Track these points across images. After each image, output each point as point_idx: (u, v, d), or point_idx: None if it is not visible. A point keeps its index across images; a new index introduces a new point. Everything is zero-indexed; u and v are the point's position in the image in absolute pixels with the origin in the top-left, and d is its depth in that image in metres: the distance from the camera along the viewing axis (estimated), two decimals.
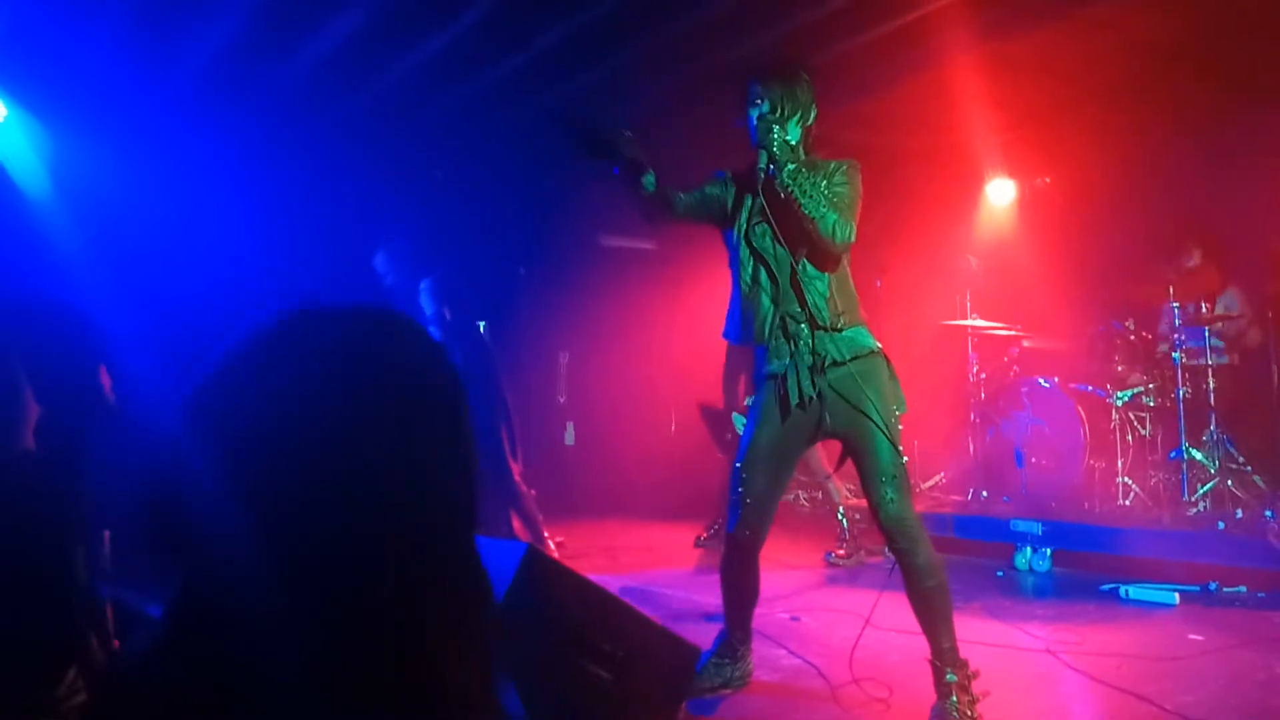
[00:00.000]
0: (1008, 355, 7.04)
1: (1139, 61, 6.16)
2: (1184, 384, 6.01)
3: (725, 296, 3.51)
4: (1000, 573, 5.72)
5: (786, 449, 3.36)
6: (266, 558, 0.79)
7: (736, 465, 3.40)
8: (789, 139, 3.25)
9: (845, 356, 3.22)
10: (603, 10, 5.65)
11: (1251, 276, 6.41)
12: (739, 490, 3.36)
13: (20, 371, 1.78)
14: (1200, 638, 4.13)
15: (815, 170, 3.26)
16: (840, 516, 6.14)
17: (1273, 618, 4.47)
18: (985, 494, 6.78)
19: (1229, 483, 5.79)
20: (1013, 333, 7.02)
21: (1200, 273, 6.33)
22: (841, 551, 6.05)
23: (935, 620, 3.21)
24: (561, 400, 9.56)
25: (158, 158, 6.43)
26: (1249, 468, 5.97)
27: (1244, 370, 6.49)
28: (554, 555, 5.85)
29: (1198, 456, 5.89)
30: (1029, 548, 5.80)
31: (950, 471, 7.59)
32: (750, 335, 3.34)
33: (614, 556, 6.53)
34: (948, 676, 3.13)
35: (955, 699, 3.10)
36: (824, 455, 6.30)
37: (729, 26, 5.77)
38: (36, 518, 1.60)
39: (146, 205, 6.19)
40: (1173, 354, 6.05)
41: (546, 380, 9.45)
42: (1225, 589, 4.95)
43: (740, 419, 6.39)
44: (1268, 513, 5.29)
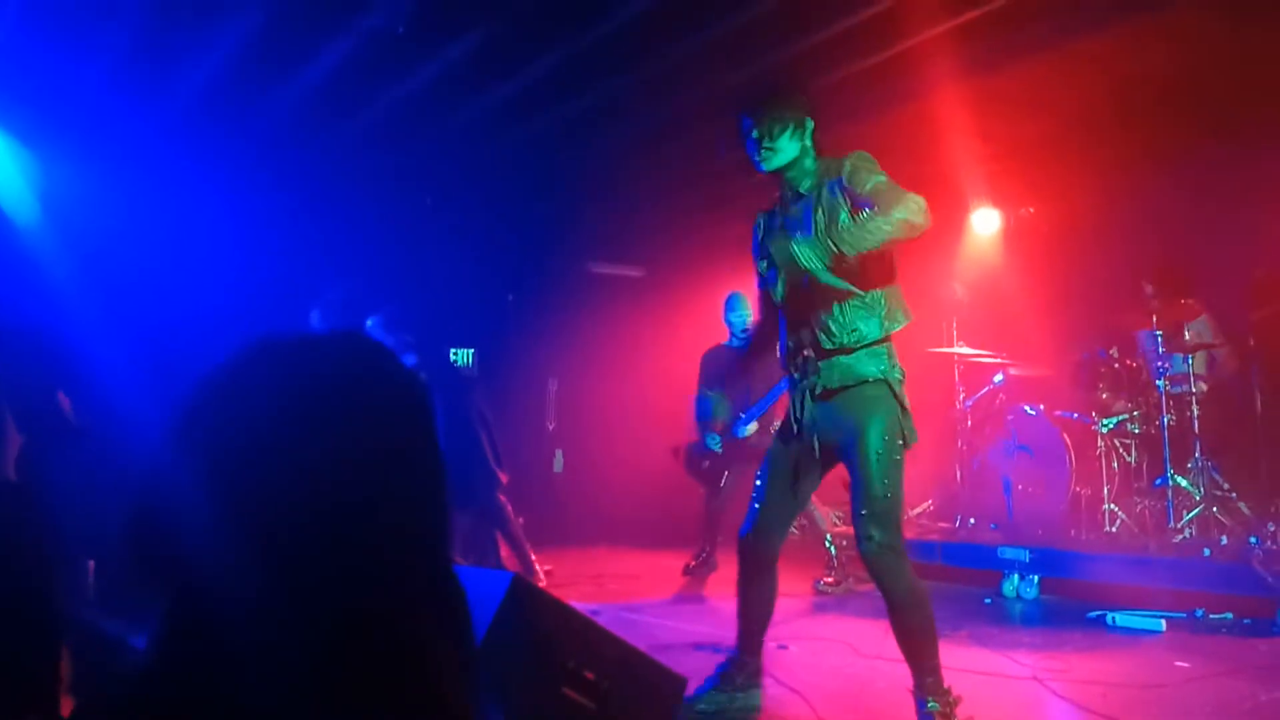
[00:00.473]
0: (993, 383, 7.08)
1: (1121, 97, 6.25)
2: (1168, 411, 6.05)
3: (715, 323, 3.60)
4: (988, 600, 5.73)
5: (799, 467, 3.38)
6: (250, 580, 0.80)
7: (757, 475, 3.48)
8: (787, 156, 3.30)
9: (835, 385, 3.23)
10: (591, 42, 5.72)
11: (1231, 306, 6.47)
12: (752, 497, 3.45)
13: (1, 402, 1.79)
14: (1186, 665, 4.14)
15: (829, 173, 3.28)
16: (828, 544, 6.14)
17: (1258, 645, 4.49)
18: (972, 521, 6.79)
19: (1214, 510, 5.81)
20: (998, 360, 7.06)
21: (1163, 303, 6.34)
22: (830, 579, 6.04)
23: (917, 651, 3.20)
24: (551, 427, 9.56)
25: (148, 185, 6.46)
26: (1234, 494, 5.99)
27: (1228, 397, 6.53)
28: (542, 582, 5.85)
29: (1183, 483, 5.92)
30: (1016, 575, 5.81)
31: (937, 499, 7.61)
32: (782, 359, 3.43)
33: (602, 584, 6.52)
34: (929, 705, 3.13)
35: None
36: None
37: (718, 57, 5.84)
38: (16, 546, 1.60)
39: (136, 232, 6.21)
40: (1156, 381, 6.10)
41: (536, 407, 9.45)
42: (1211, 616, 4.97)
43: (714, 439, 6.39)
44: (1253, 539, 5.32)
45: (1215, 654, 4.30)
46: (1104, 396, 6.43)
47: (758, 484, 3.43)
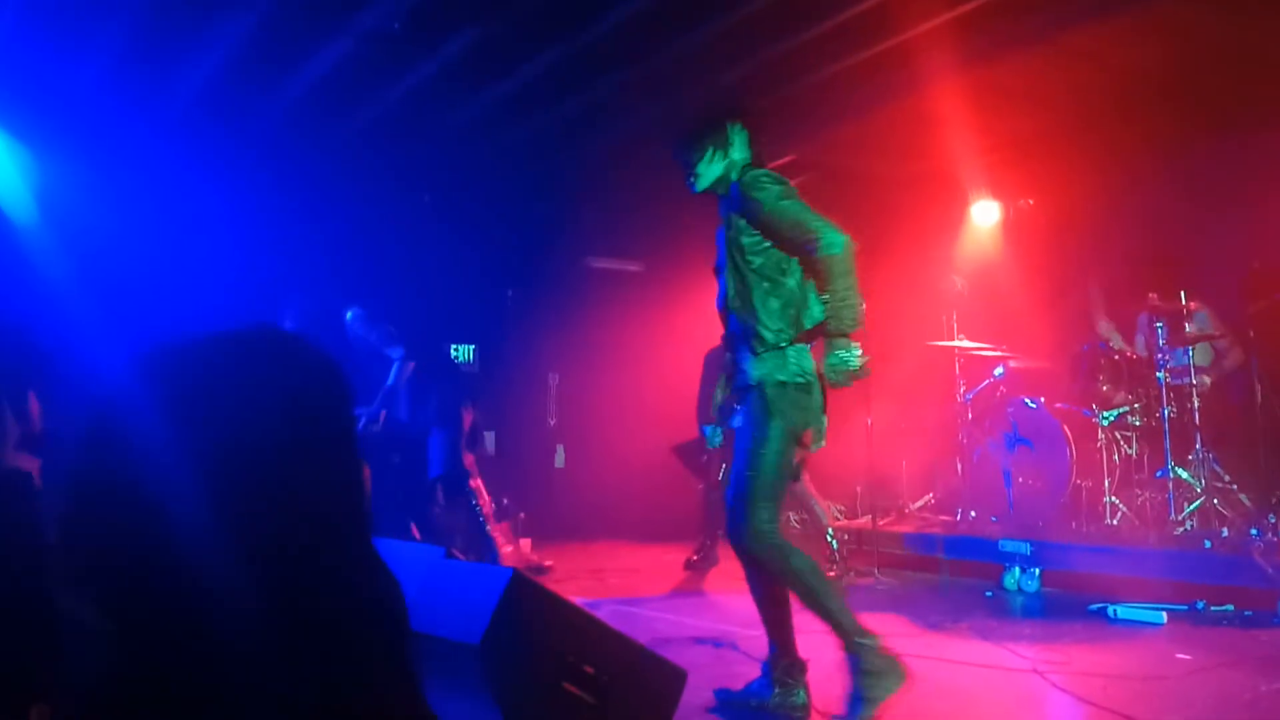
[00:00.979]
0: (993, 376, 7.07)
1: (1118, 89, 6.25)
2: (1169, 403, 6.04)
3: (713, 317, 3.65)
4: (989, 593, 5.73)
5: None
6: (175, 571, 0.83)
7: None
8: (710, 177, 3.51)
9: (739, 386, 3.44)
10: (589, 40, 5.71)
11: (1231, 298, 6.47)
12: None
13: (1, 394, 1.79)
14: (1188, 657, 4.14)
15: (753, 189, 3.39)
16: (829, 537, 6.14)
17: (1259, 636, 4.49)
18: (973, 514, 6.79)
19: (1215, 501, 5.81)
20: (999, 353, 7.06)
21: (1164, 299, 6.32)
22: (831, 572, 6.04)
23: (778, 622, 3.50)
24: (551, 423, 9.56)
25: (146, 185, 6.45)
26: (1235, 486, 5.99)
27: (1228, 389, 6.53)
28: (504, 556, 5.98)
29: (1184, 475, 5.91)
30: (1017, 568, 5.81)
31: (938, 492, 7.60)
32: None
33: (602, 579, 6.52)
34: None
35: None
36: (809, 478, 6.32)
37: (713, 54, 5.84)
38: (14, 537, 1.61)
39: (134, 232, 6.20)
40: (1157, 374, 6.10)
41: (536, 403, 9.46)
42: (1213, 608, 4.96)
43: (712, 430, 6.39)
44: (1254, 531, 5.32)
45: (1216, 646, 4.30)
46: (1104, 389, 6.42)
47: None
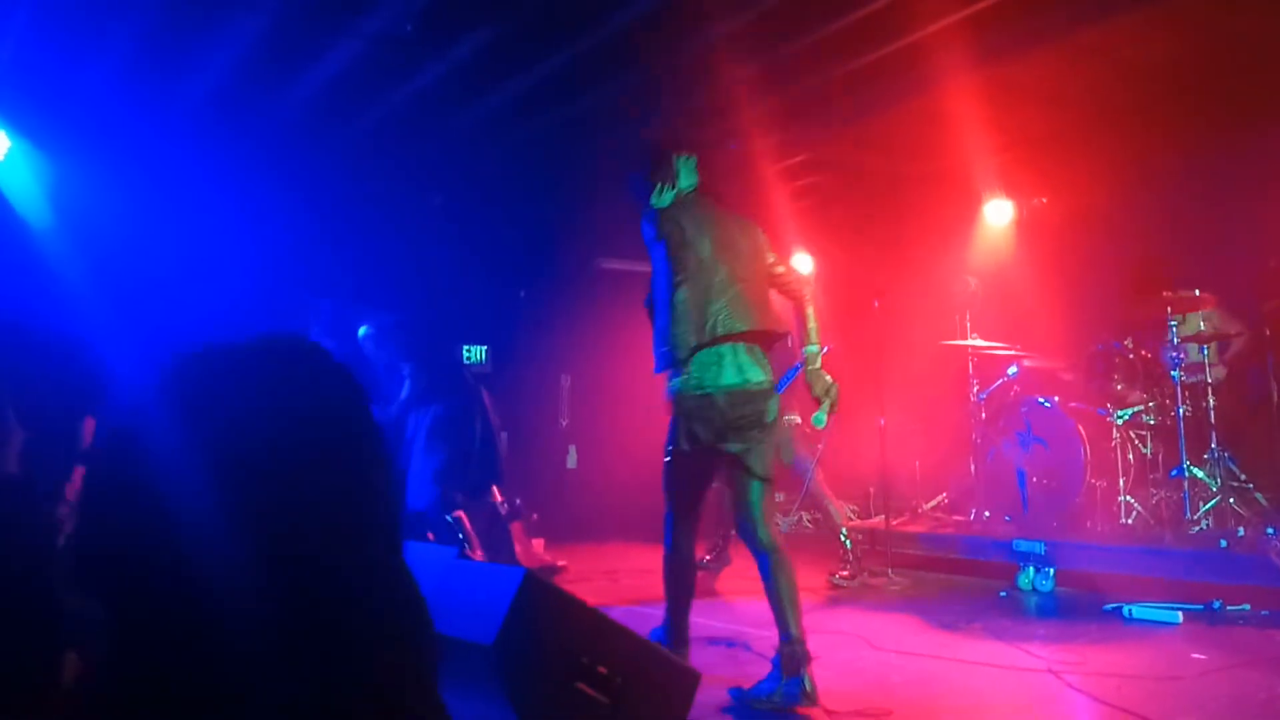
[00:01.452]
0: (1007, 375, 7.04)
1: (1133, 85, 6.21)
2: (1184, 402, 6.01)
3: None
4: (1003, 593, 5.70)
5: None
6: (201, 579, 0.83)
7: None
8: (658, 209, 4.11)
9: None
10: (600, 39, 5.71)
11: (1247, 295, 6.42)
12: None
13: (5, 399, 1.80)
14: (1203, 657, 4.11)
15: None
16: (843, 538, 6.12)
17: (1276, 636, 4.45)
18: (987, 514, 6.76)
19: (1231, 501, 5.77)
20: (1012, 352, 7.03)
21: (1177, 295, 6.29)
22: (845, 573, 6.03)
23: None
24: (564, 424, 9.56)
25: (158, 187, 6.47)
26: (1251, 485, 5.95)
27: (1244, 387, 6.49)
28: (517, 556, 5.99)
29: (1199, 475, 5.88)
30: (1032, 568, 5.78)
31: (952, 492, 7.57)
32: None
33: (615, 580, 6.52)
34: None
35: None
36: (823, 478, 6.31)
37: (727, 52, 5.83)
38: (17, 542, 1.61)
39: (147, 234, 6.23)
40: (1172, 372, 6.06)
41: (548, 404, 9.46)
42: (1229, 608, 4.93)
43: None
44: (1270, 530, 5.28)
45: (1232, 646, 4.27)
46: (1119, 388, 6.38)
47: None
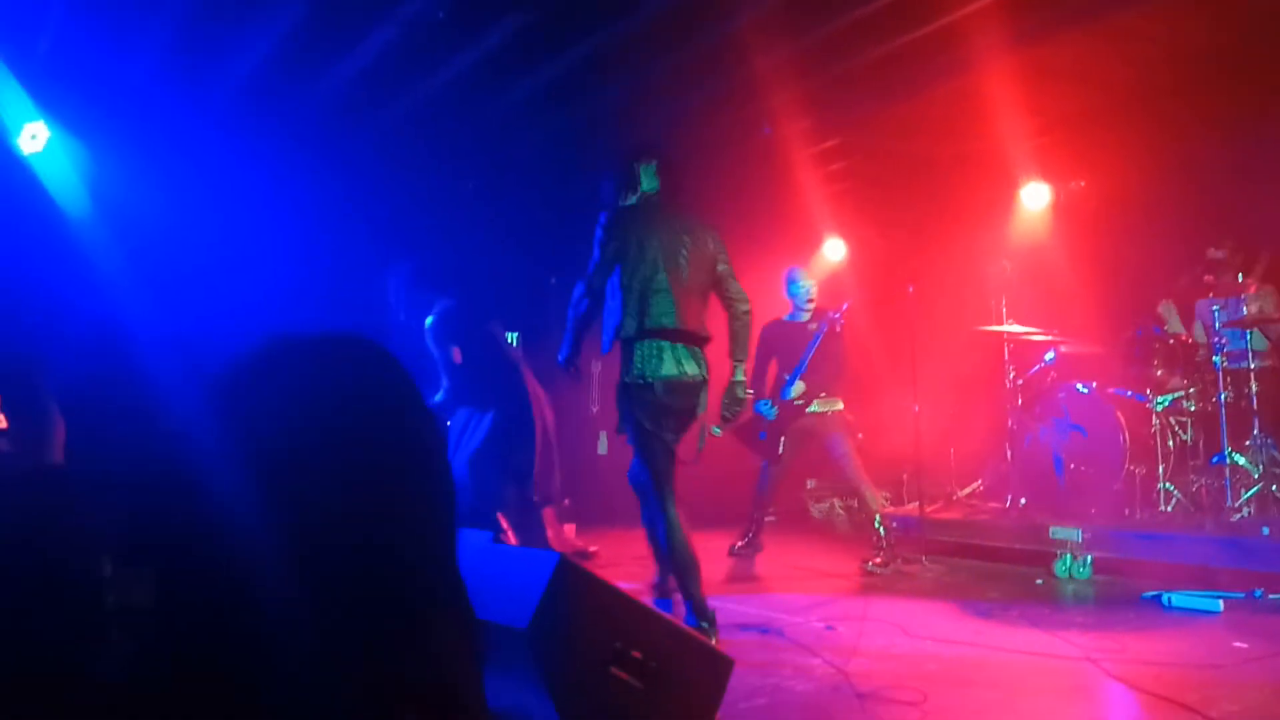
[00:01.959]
0: (1044, 361, 6.96)
1: (1171, 65, 6.10)
2: (1225, 388, 5.91)
3: (760, 299, 3.90)
4: (1040, 580, 5.65)
5: None
6: (257, 569, 0.83)
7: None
8: (615, 210, 4.33)
9: None
10: (634, 24, 5.68)
11: None
12: None
13: (48, 390, 1.82)
14: (1245, 645, 4.05)
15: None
16: (877, 525, 6.09)
17: None
18: (1024, 501, 6.70)
19: (1274, 488, 5.68)
20: (1049, 338, 6.94)
21: (1229, 268, 6.20)
22: (879, 560, 6.00)
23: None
24: (594, 410, 9.57)
25: (195, 175, 6.53)
26: None
27: None
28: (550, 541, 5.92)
29: (1241, 461, 5.79)
30: (1069, 555, 5.72)
31: (988, 478, 7.51)
32: None
33: (647, 565, 6.51)
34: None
35: None
36: (861, 464, 6.27)
37: (761, 36, 5.79)
38: (60, 533, 1.63)
39: (185, 223, 6.29)
40: (1214, 357, 5.96)
41: (579, 390, 9.47)
42: (1270, 595, 4.85)
43: (766, 404, 6.37)
44: None
45: (1275, 634, 4.20)
46: (1159, 373, 6.29)
47: None
